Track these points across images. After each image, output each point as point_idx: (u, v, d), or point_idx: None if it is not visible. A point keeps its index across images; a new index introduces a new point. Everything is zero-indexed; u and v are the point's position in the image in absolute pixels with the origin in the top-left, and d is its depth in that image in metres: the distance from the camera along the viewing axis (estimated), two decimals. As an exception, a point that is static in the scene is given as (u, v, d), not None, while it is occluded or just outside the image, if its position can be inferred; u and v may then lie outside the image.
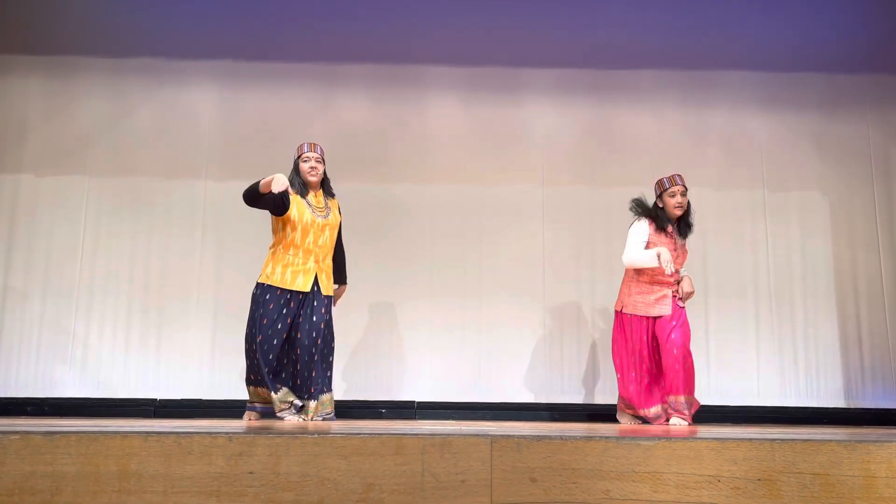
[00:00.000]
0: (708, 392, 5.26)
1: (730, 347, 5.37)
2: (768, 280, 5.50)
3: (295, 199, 3.98)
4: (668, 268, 3.96)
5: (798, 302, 5.48)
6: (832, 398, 5.36)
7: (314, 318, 3.94)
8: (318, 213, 4.00)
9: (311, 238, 3.96)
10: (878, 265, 5.55)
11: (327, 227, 4.02)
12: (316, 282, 3.97)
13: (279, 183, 3.75)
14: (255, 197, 3.84)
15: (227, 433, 1.62)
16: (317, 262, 3.99)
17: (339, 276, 4.20)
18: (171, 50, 5.68)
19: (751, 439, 1.68)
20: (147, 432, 1.62)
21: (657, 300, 4.18)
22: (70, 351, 5.22)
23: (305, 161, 4.03)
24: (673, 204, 4.20)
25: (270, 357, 3.90)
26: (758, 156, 5.68)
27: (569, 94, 5.75)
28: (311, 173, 4.02)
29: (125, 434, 1.60)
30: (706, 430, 2.81)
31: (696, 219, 4.44)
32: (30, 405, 5.06)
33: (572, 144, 5.67)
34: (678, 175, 4.27)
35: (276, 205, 3.93)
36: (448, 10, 5.77)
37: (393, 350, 5.33)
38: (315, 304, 3.97)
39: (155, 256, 5.38)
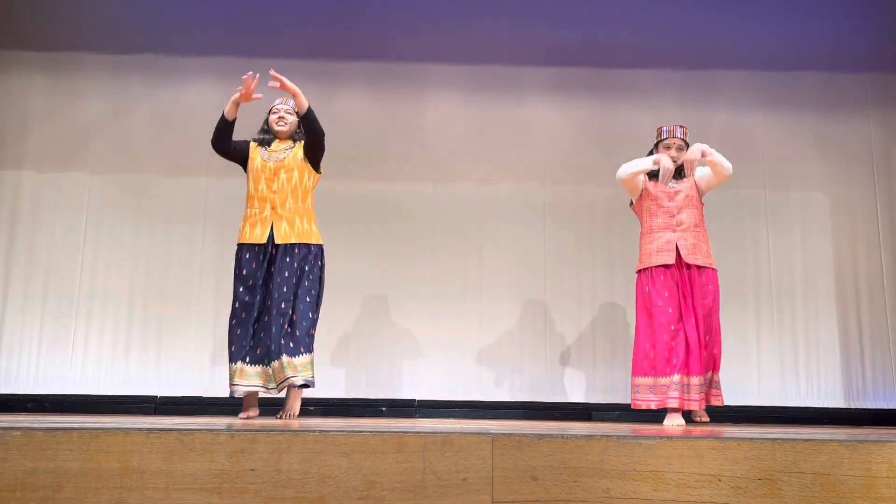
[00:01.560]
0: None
1: (730, 347, 5.36)
2: (769, 280, 5.50)
3: (253, 148, 3.91)
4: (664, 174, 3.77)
5: (799, 302, 5.48)
6: (832, 398, 5.36)
7: (276, 274, 3.70)
8: (271, 157, 3.84)
9: (263, 185, 3.77)
10: (879, 265, 5.55)
11: (281, 170, 3.80)
12: (272, 231, 3.73)
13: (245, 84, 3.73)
14: (224, 127, 3.83)
15: (228, 430, 1.63)
16: (273, 208, 3.76)
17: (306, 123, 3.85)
18: (171, 47, 5.68)
19: (752, 439, 1.68)
20: (149, 429, 1.62)
21: (659, 248, 3.85)
22: (71, 347, 5.23)
23: (275, 113, 3.96)
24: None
25: (241, 328, 3.69)
26: (758, 155, 5.67)
27: (569, 94, 5.75)
28: (279, 123, 3.91)
29: (127, 431, 1.60)
30: (707, 430, 2.82)
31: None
32: (30, 402, 5.06)
33: (572, 143, 5.67)
34: (680, 126, 4.05)
35: (239, 154, 3.89)
36: (448, 9, 5.76)
37: (393, 348, 5.33)
38: (278, 257, 3.72)
39: (156, 253, 5.38)
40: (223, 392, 5.12)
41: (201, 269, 5.36)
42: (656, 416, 4.19)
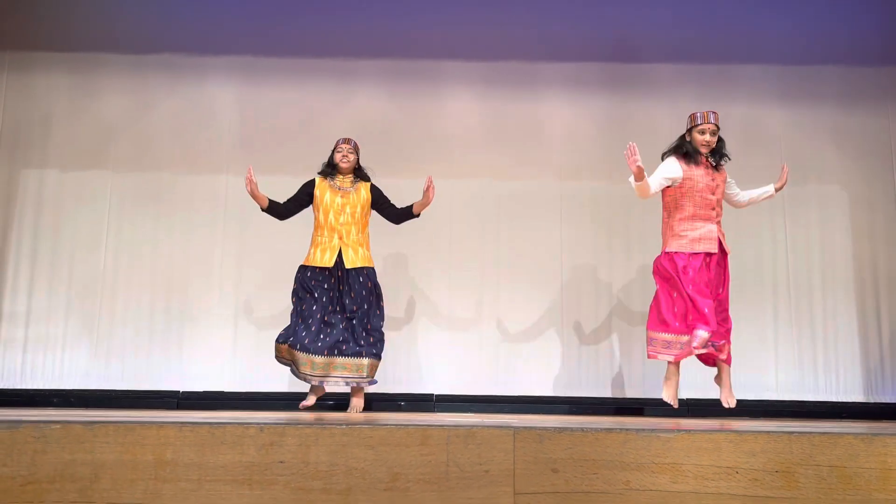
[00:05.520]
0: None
1: (748, 341, 5.36)
2: (787, 274, 5.49)
3: (319, 184, 4.45)
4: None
5: (817, 295, 5.47)
6: (851, 392, 5.35)
7: (352, 293, 4.35)
8: (339, 194, 4.42)
9: (332, 217, 4.37)
10: (897, 259, 5.53)
11: (347, 206, 4.41)
12: (340, 257, 4.33)
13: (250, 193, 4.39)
14: (271, 212, 4.47)
15: (258, 424, 1.68)
16: (340, 238, 4.37)
17: (408, 212, 4.57)
18: (191, 46, 5.74)
19: (769, 432, 1.71)
20: (182, 422, 1.67)
21: (700, 236, 4.13)
22: (94, 343, 5.32)
23: (339, 151, 4.52)
24: (701, 141, 4.20)
25: (311, 328, 4.29)
26: (776, 149, 5.66)
27: (585, 89, 5.75)
28: (343, 160, 4.48)
29: (161, 424, 1.66)
30: (725, 423, 2.84)
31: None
32: (56, 396, 5.16)
33: (589, 139, 5.68)
34: (713, 112, 4.25)
35: (301, 203, 4.48)
36: (464, 5, 5.78)
37: (411, 343, 5.38)
38: (349, 278, 4.35)
39: (177, 250, 5.46)
40: (245, 386, 5.22)
41: (222, 265, 5.44)
42: (675, 411, 4.22)
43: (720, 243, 4.15)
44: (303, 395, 4.44)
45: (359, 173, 4.56)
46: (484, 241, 5.51)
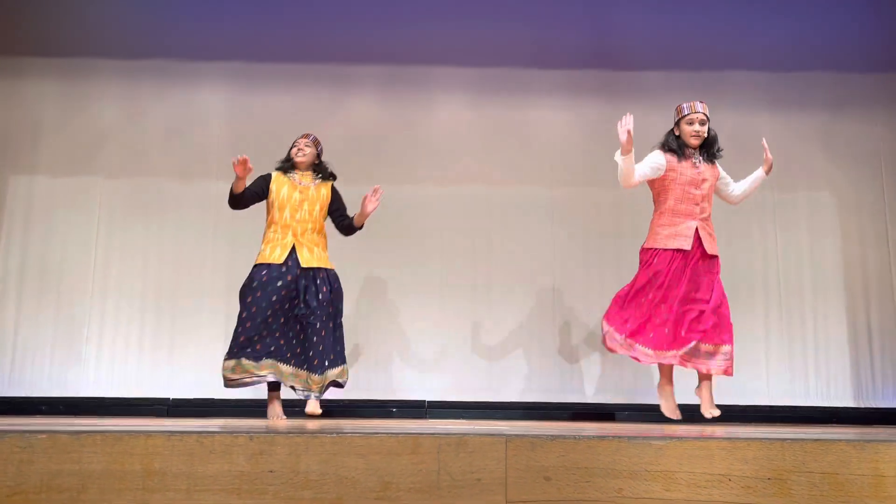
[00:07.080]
0: (717, 391, 5.25)
1: (739, 347, 5.35)
2: (777, 280, 5.51)
3: (277, 178, 4.24)
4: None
5: (807, 301, 5.49)
6: (842, 397, 5.37)
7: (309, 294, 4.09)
8: (297, 190, 4.19)
9: (287, 213, 4.13)
10: (887, 264, 5.55)
11: (305, 202, 4.17)
12: (294, 255, 4.09)
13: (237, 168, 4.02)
14: (236, 198, 4.14)
15: (247, 432, 1.66)
16: (294, 236, 4.12)
17: (351, 224, 4.30)
18: (182, 52, 5.73)
19: (761, 439, 1.71)
20: (170, 432, 1.66)
21: (676, 233, 3.92)
22: (84, 350, 5.28)
23: (295, 146, 4.32)
24: (690, 132, 3.95)
25: (254, 328, 4.01)
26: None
27: (576, 95, 5.77)
28: (298, 155, 4.27)
29: (149, 433, 1.64)
30: (717, 430, 2.84)
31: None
32: (45, 404, 5.11)
33: (580, 146, 5.68)
34: (700, 102, 4.02)
35: (259, 195, 4.21)
36: (456, 11, 5.80)
37: (403, 350, 5.36)
38: (303, 278, 4.10)
39: (167, 256, 5.43)
40: (236, 394, 5.17)
41: (213, 272, 5.41)
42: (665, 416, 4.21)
43: (699, 241, 3.91)
44: (296, 403, 4.41)
45: (320, 170, 4.31)
46: (475, 247, 5.51)
